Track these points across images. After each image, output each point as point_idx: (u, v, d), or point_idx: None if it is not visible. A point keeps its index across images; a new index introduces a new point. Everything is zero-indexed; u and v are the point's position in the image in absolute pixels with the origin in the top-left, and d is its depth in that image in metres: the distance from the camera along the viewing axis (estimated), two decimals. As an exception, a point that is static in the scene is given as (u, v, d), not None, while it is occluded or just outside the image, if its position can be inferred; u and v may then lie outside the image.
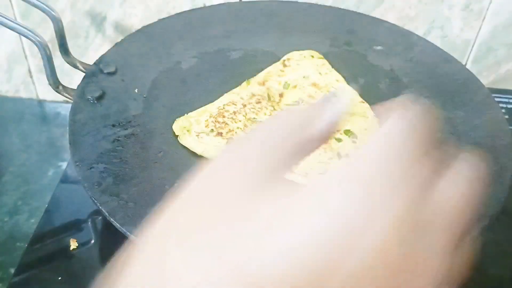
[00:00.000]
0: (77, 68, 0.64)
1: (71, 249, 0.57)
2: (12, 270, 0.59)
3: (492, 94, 0.64)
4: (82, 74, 0.62)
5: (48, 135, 0.85)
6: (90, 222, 0.61)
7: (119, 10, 0.81)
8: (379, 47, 0.72)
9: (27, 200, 0.72)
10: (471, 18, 0.79)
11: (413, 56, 0.71)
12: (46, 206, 0.63)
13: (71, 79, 0.79)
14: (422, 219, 0.22)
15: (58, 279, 0.54)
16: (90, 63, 0.64)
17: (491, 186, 0.52)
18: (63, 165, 0.77)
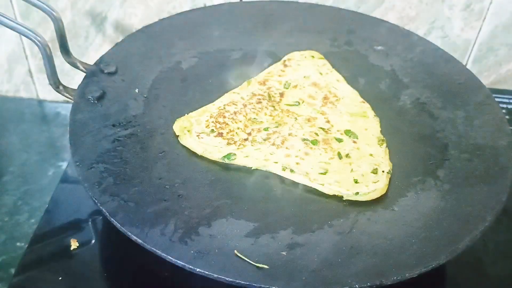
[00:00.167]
0: (77, 68, 0.64)
1: (72, 249, 0.57)
2: (12, 270, 0.59)
3: (492, 94, 0.64)
4: (83, 74, 0.62)
5: (48, 135, 0.85)
6: (90, 222, 0.61)
7: (120, 10, 0.81)
8: (380, 47, 0.72)
9: (27, 200, 0.72)
10: (472, 18, 0.79)
11: (413, 56, 0.71)
12: (46, 206, 0.63)
13: (72, 79, 0.80)
14: None
15: (59, 279, 0.54)
16: (90, 63, 0.64)
17: (491, 186, 0.52)
18: (63, 165, 0.77)
